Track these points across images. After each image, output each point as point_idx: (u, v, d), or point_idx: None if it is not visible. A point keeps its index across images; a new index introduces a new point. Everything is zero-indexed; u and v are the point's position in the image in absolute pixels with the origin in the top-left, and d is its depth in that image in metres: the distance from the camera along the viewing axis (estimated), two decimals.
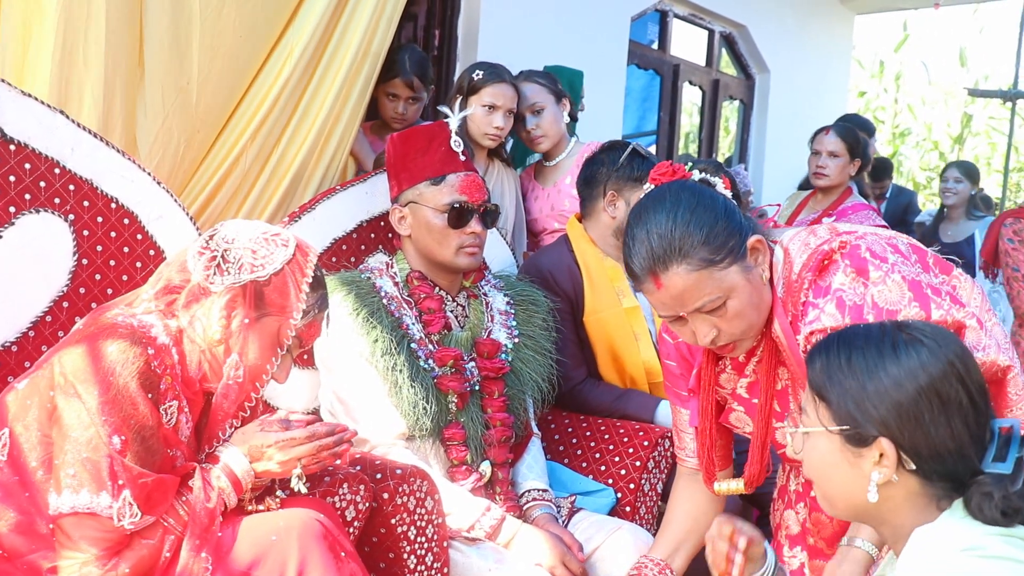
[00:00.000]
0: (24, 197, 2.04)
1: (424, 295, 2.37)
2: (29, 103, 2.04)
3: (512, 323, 2.47)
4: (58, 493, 1.58)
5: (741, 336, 1.66)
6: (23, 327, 2.05)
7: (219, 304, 1.71)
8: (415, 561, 2.02)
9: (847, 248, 1.64)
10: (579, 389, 2.71)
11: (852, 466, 1.29)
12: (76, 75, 2.18)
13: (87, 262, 2.13)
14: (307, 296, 1.75)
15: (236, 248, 1.73)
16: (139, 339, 1.66)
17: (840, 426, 1.29)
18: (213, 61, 2.42)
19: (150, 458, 1.63)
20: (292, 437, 1.74)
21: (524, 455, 2.43)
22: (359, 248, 2.58)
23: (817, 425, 1.32)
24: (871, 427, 1.26)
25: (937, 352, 1.27)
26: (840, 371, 1.29)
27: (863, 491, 1.28)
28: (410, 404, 2.21)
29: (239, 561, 1.66)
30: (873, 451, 1.27)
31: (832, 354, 1.32)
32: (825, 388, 1.31)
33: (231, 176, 2.53)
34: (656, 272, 1.60)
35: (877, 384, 1.26)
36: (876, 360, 1.27)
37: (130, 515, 1.59)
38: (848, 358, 1.30)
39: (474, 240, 2.36)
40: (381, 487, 2.01)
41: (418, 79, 3.16)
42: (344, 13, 2.68)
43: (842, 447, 1.29)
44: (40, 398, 1.63)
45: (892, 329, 1.31)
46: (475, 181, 2.38)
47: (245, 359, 1.73)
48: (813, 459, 1.34)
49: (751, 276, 1.62)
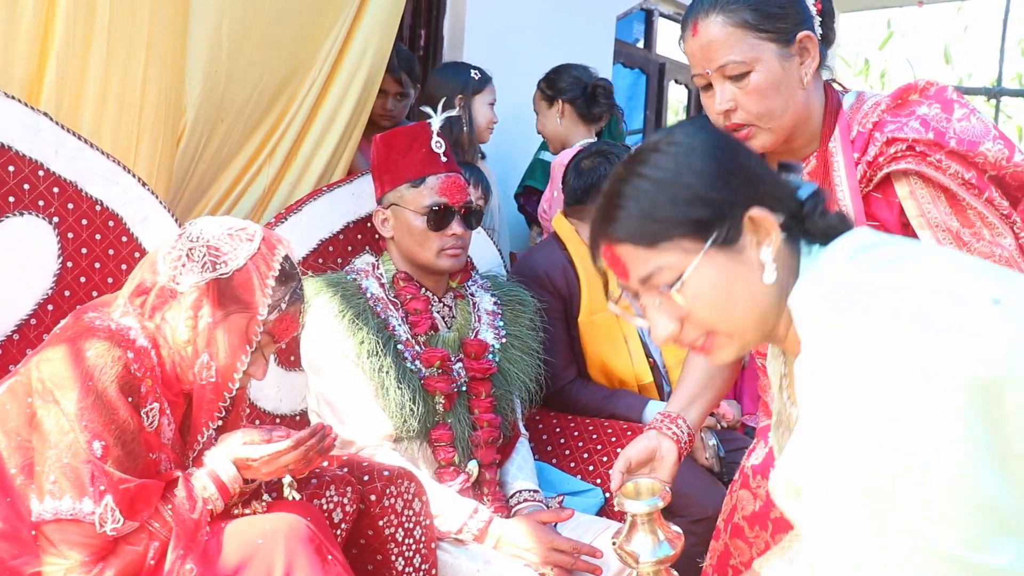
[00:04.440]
0: (8, 200, 2.03)
1: (410, 296, 2.37)
2: (12, 105, 2.03)
3: (499, 323, 2.47)
4: (40, 500, 1.57)
5: (757, 120, 1.63)
6: (7, 330, 2.04)
7: (185, 304, 1.70)
8: (403, 563, 2.01)
9: (932, 88, 1.64)
10: (568, 388, 2.71)
11: (740, 264, 1.17)
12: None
13: (72, 265, 2.12)
14: (273, 291, 1.72)
15: (199, 246, 1.71)
16: (118, 342, 1.64)
17: (707, 238, 1.16)
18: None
19: (132, 463, 1.62)
20: (278, 451, 1.72)
21: (513, 455, 2.42)
22: (345, 249, 2.57)
23: (687, 261, 1.17)
24: (728, 211, 1.16)
25: (688, 126, 1.22)
26: (650, 200, 1.17)
27: (760, 283, 1.17)
28: (397, 405, 2.21)
29: (225, 565, 1.65)
30: (746, 236, 1.17)
31: (625, 200, 1.19)
32: (654, 222, 1.17)
33: (260, 174, 2.60)
34: (697, 18, 1.62)
35: (686, 176, 1.17)
36: (663, 164, 1.18)
37: (112, 520, 1.58)
38: (639, 186, 1.18)
39: (456, 242, 2.35)
40: (368, 489, 2.00)
41: (406, 75, 3.18)
42: (367, 10, 2.72)
43: (719, 256, 1.17)
44: (19, 404, 1.62)
45: (636, 149, 1.23)
46: (456, 182, 2.37)
47: (215, 359, 1.71)
48: (706, 298, 1.18)
49: (788, 64, 1.62)
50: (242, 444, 1.73)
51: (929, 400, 0.98)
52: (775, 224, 1.17)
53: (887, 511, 1.00)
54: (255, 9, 2.46)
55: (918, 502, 0.99)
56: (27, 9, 2.07)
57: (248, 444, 1.73)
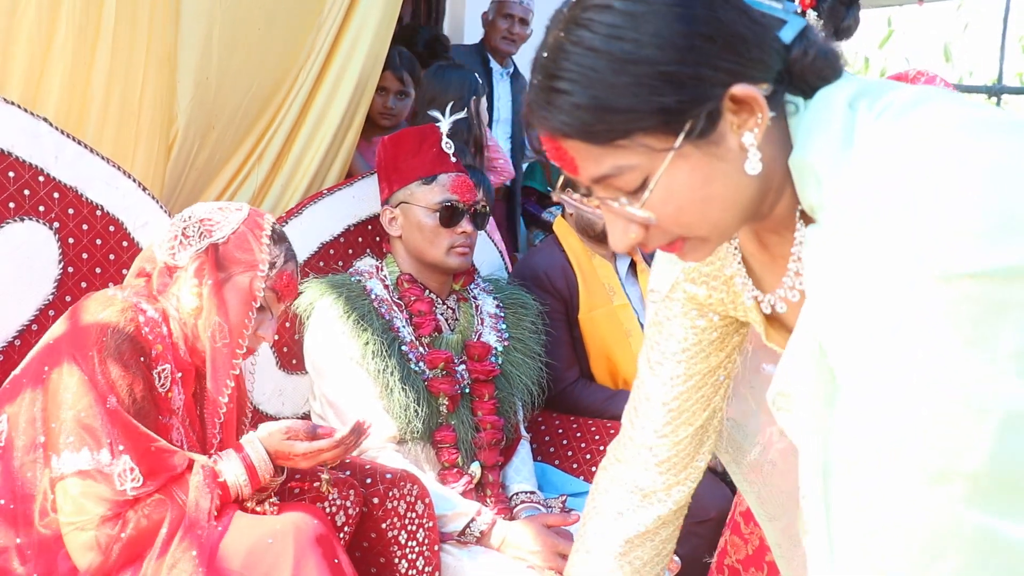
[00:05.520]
0: (8, 206, 2.03)
1: (415, 297, 2.37)
2: (12, 111, 2.03)
3: (502, 326, 2.47)
4: (58, 456, 1.61)
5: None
6: (9, 336, 2.04)
7: (188, 275, 1.77)
8: (406, 565, 2.01)
9: (922, 78, 1.57)
10: (570, 390, 2.71)
11: (718, 159, 0.93)
12: None
13: (72, 270, 2.12)
14: (270, 248, 1.79)
15: (192, 222, 1.80)
16: (129, 307, 1.71)
17: (679, 132, 0.91)
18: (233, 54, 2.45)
19: (143, 422, 1.66)
20: (320, 448, 1.77)
21: (512, 457, 2.42)
22: (346, 252, 2.57)
23: (654, 162, 0.92)
24: (705, 93, 0.90)
25: None
26: (603, 84, 0.89)
27: (742, 173, 0.94)
28: (401, 407, 2.21)
29: (234, 563, 1.65)
30: (725, 120, 0.92)
31: (569, 83, 0.91)
32: (610, 114, 0.90)
33: (250, 178, 2.60)
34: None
35: (648, 48, 0.88)
36: (618, 31, 0.89)
37: (132, 479, 1.62)
38: (586, 62, 0.90)
39: (465, 240, 2.36)
40: (371, 491, 2.00)
41: (408, 73, 3.19)
42: (356, 13, 2.71)
43: (694, 152, 0.93)
44: (33, 376, 1.66)
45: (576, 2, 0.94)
46: (466, 182, 2.39)
47: (225, 319, 1.76)
48: (677, 204, 0.95)
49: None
50: (285, 436, 1.78)
51: None
52: (762, 102, 0.91)
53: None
54: (245, 16, 2.46)
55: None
56: (28, 15, 2.07)
57: (292, 437, 1.77)
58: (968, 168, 0.82)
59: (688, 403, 1.29)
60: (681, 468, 1.32)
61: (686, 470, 1.33)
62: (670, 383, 1.28)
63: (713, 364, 1.28)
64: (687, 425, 1.30)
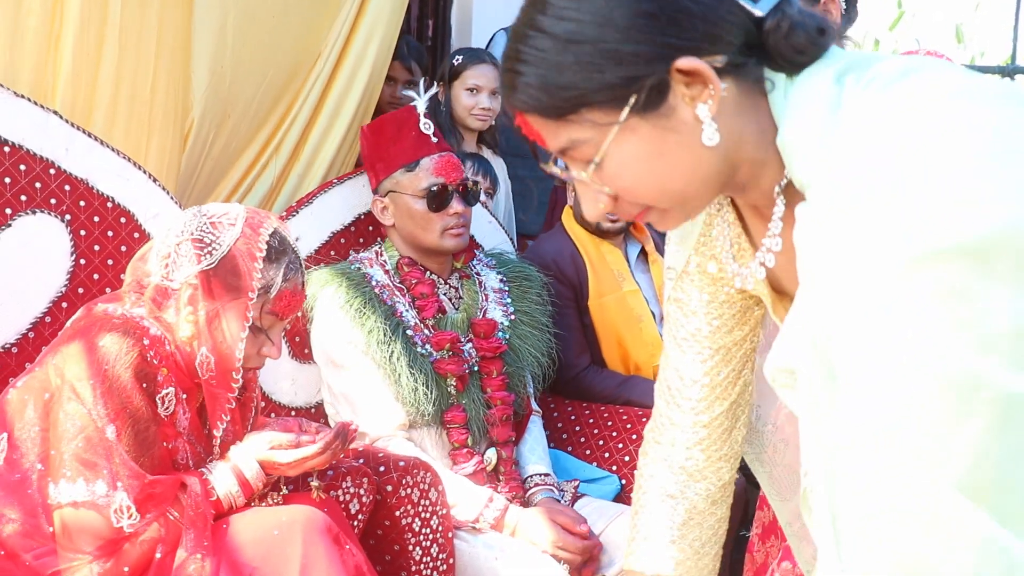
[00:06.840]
0: (20, 199, 2.03)
1: (416, 280, 2.37)
2: (22, 104, 2.04)
3: (507, 300, 2.46)
4: (55, 484, 1.59)
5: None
6: (22, 329, 2.05)
7: (183, 301, 1.72)
8: (420, 553, 2.02)
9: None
10: (582, 376, 2.71)
11: (671, 131, 0.95)
12: None
13: (84, 262, 2.13)
14: (263, 271, 1.72)
15: (185, 241, 1.73)
16: (133, 330, 1.67)
17: (623, 106, 0.94)
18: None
19: (144, 450, 1.65)
20: (304, 456, 1.75)
21: (525, 435, 2.42)
22: (357, 241, 2.58)
23: (602, 134, 0.96)
24: (646, 67, 0.92)
25: None
26: (551, 64, 0.95)
27: (700, 145, 0.95)
28: (410, 391, 2.21)
29: (243, 556, 1.66)
30: (676, 92, 0.94)
31: (524, 65, 0.96)
32: (558, 90, 0.95)
33: (268, 168, 2.60)
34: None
35: (591, 28, 0.93)
36: (566, 13, 0.94)
37: (128, 517, 1.60)
38: (538, 44, 0.95)
39: (458, 220, 2.35)
40: (384, 480, 2.01)
41: (416, 63, 3.19)
42: (369, 3, 2.72)
43: (642, 124, 0.95)
44: (36, 396, 1.64)
45: None
46: (450, 160, 2.37)
47: (217, 354, 1.72)
48: (630, 175, 0.98)
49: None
50: (269, 448, 1.75)
51: None
52: (711, 74, 0.92)
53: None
54: (259, 4, 2.46)
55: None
56: (35, 8, 2.07)
57: (275, 448, 1.75)
58: (960, 137, 0.83)
59: (719, 377, 1.29)
60: (721, 443, 1.33)
61: (726, 445, 1.33)
62: (698, 359, 1.29)
63: (738, 338, 1.28)
64: (722, 400, 1.30)
